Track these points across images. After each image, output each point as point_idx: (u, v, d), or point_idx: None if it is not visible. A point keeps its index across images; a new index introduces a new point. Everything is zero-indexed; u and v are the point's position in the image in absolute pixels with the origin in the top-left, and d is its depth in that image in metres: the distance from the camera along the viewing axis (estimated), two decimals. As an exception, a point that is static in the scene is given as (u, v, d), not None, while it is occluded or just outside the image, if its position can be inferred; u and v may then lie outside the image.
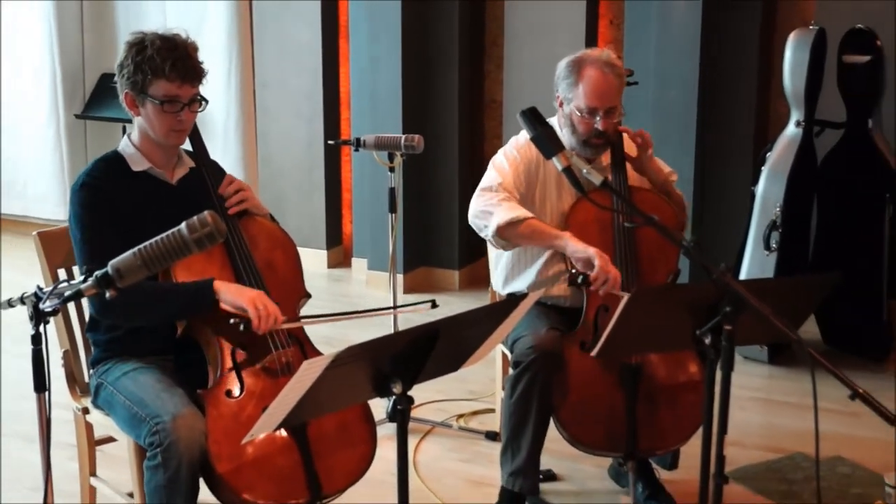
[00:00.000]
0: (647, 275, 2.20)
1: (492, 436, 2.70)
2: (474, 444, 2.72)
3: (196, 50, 1.89)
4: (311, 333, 2.00)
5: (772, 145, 3.28)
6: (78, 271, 1.90)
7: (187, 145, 1.99)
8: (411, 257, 4.07)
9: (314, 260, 4.23)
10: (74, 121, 4.68)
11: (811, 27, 3.20)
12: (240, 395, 1.83)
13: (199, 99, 1.89)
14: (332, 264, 4.39)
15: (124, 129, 4.22)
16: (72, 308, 2.00)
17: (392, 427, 1.50)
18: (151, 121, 1.88)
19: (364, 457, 1.90)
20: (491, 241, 2.20)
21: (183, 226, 1.41)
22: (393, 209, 2.85)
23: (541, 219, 2.23)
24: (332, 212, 4.37)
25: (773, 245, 3.17)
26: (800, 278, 2.54)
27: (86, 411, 2.02)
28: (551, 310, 2.26)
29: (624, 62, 2.81)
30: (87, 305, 1.93)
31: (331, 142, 3.73)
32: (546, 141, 1.93)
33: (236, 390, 1.84)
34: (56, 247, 2.03)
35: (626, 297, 1.64)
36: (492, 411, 2.82)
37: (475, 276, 4.12)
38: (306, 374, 1.37)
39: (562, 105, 2.23)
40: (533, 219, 2.14)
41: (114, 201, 1.89)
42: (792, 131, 3.24)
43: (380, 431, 1.96)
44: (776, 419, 2.90)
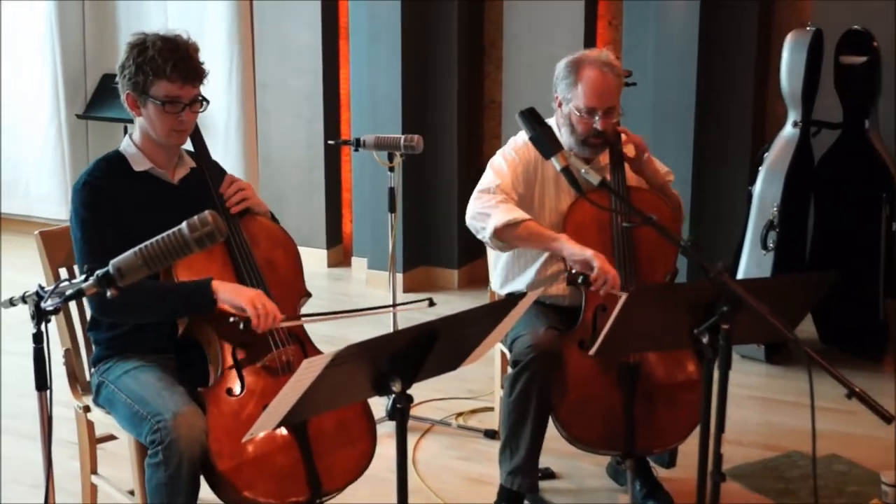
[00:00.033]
0: (645, 274, 2.21)
1: (491, 434, 2.71)
2: (473, 442, 2.73)
3: (197, 51, 1.89)
4: (311, 332, 2.01)
5: (769, 145, 3.30)
6: (78, 271, 1.91)
7: (188, 145, 1.99)
8: (411, 257, 4.08)
9: (314, 259, 4.24)
10: (76, 121, 4.69)
11: (808, 28, 3.21)
12: (240, 394, 1.84)
13: (201, 99, 1.90)
14: (333, 263, 4.40)
15: (125, 129, 4.22)
16: (73, 307, 2.00)
17: (391, 425, 1.50)
18: (153, 121, 1.89)
19: (364, 455, 1.91)
20: (488, 243, 2.21)
21: (184, 225, 1.42)
22: (392, 209, 2.86)
23: (540, 219, 2.24)
24: (332, 211, 4.38)
25: (771, 245, 3.18)
26: (797, 277, 2.54)
27: (87, 409, 2.02)
28: (550, 309, 2.27)
29: (622, 63, 2.82)
30: (87, 304, 1.94)
31: (331, 142, 3.74)
32: (545, 141, 1.94)
33: (237, 389, 1.85)
34: (57, 246, 2.04)
35: (625, 297, 1.64)
36: (491, 410, 2.83)
37: (474, 275, 4.14)
38: (306, 372, 1.37)
39: (560, 105, 2.23)
40: (530, 221, 2.15)
41: (115, 201, 1.89)
42: (789, 132, 3.25)
43: (379, 429, 1.97)
44: (773, 417, 2.91)
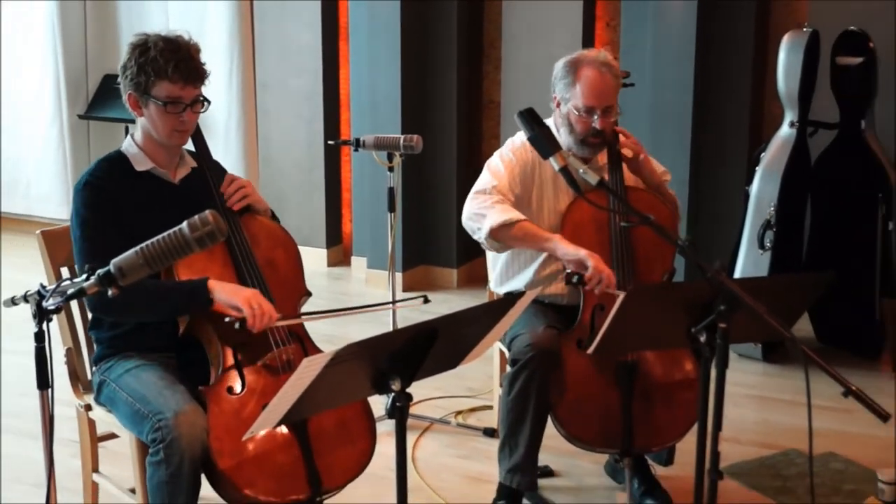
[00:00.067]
0: (643, 274, 2.22)
1: (490, 432, 2.72)
2: (472, 440, 2.74)
3: (199, 51, 1.90)
4: (311, 331, 2.01)
5: (766, 145, 3.31)
6: (78, 269, 1.91)
7: (190, 145, 2.00)
8: (410, 256, 4.09)
9: (314, 259, 4.24)
10: (77, 121, 4.69)
11: (805, 29, 3.22)
12: (241, 392, 1.85)
13: (202, 100, 1.91)
14: (332, 263, 4.41)
15: (127, 129, 4.23)
16: (74, 306, 2.01)
17: (391, 424, 1.51)
18: (154, 121, 1.90)
19: (364, 453, 1.92)
20: (484, 244, 2.21)
21: (184, 224, 1.42)
22: (392, 208, 2.87)
23: (538, 220, 2.25)
24: (332, 211, 4.39)
25: (768, 244, 3.19)
26: (794, 277, 2.56)
27: (88, 408, 2.03)
28: (548, 308, 2.28)
29: (620, 64, 2.83)
30: (85, 302, 1.95)
31: (331, 142, 3.74)
32: (543, 141, 1.95)
33: (238, 387, 1.86)
34: (59, 245, 2.04)
35: (622, 296, 1.65)
36: (490, 408, 2.84)
37: (473, 274, 4.15)
38: (306, 371, 1.38)
39: (559, 105, 2.24)
40: (525, 221, 2.16)
41: (117, 201, 1.90)
42: (786, 132, 3.26)
43: (379, 428, 1.98)
44: (770, 416, 2.92)
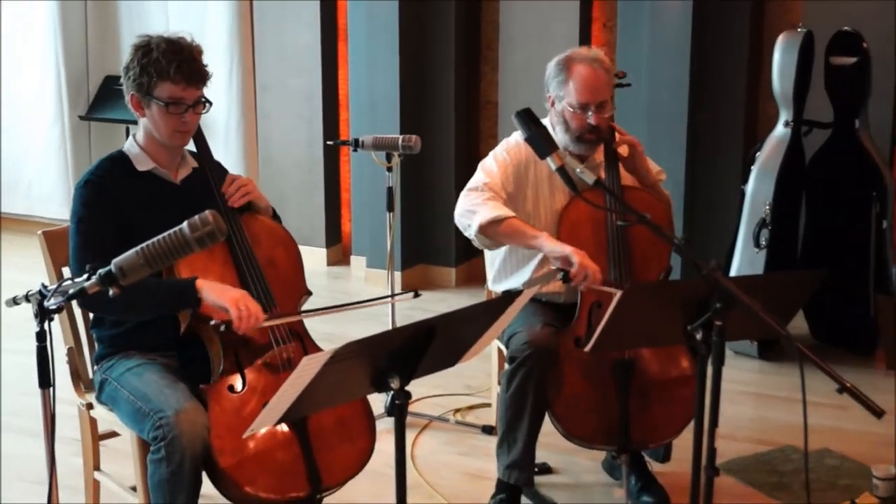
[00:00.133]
0: (640, 272, 2.23)
1: (488, 430, 2.73)
2: (471, 437, 2.75)
3: (201, 53, 1.91)
4: (310, 330, 2.02)
5: (761, 145, 3.32)
6: (70, 267, 1.90)
7: (191, 146, 2.01)
8: (409, 255, 4.10)
9: (314, 258, 4.25)
10: (78, 122, 4.70)
11: (799, 29, 3.24)
12: (242, 391, 1.86)
13: (204, 101, 1.92)
14: (332, 262, 4.42)
15: (128, 130, 4.24)
16: (76, 305, 2.03)
17: (390, 421, 1.53)
18: (156, 122, 1.91)
19: (363, 451, 1.93)
20: (474, 240, 2.22)
21: (185, 224, 1.43)
22: (391, 208, 2.88)
23: (535, 219, 2.27)
24: (332, 211, 4.40)
25: (763, 242, 3.21)
26: (789, 275, 2.57)
27: (90, 407, 2.04)
28: (546, 306, 2.29)
29: (616, 64, 2.86)
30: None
31: (330, 142, 3.76)
32: (540, 141, 1.96)
33: (238, 385, 1.87)
34: (60, 245, 2.05)
35: (620, 294, 1.66)
36: (488, 406, 2.85)
37: (471, 273, 4.17)
38: (306, 369, 1.38)
39: (553, 104, 2.25)
40: (514, 218, 2.16)
41: (118, 200, 1.91)
42: (781, 131, 3.28)
43: (378, 426, 1.99)
44: (766, 412, 2.93)
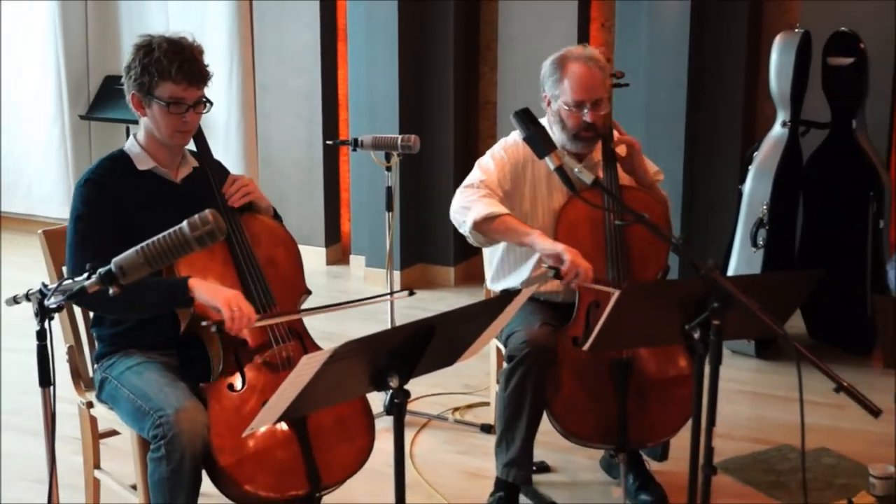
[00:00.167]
0: (637, 272, 2.24)
1: (487, 428, 2.74)
2: (470, 436, 2.76)
3: (202, 53, 1.92)
4: (310, 329, 2.03)
5: (758, 145, 3.33)
6: (66, 264, 1.91)
7: (191, 145, 2.02)
8: (408, 254, 4.11)
9: (313, 257, 4.26)
10: (79, 122, 4.71)
11: (797, 30, 3.25)
12: (241, 389, 1.87)
13: (204, 101, 1.93)
14: (331, 261, 4.43)
15: (128, 130, 4.25)
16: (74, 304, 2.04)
17: (389, 420, 1.55)
18: (157, 121, 1.92)
19: (362, 449, 1.94)
20: (468, 237, 2.22)
21: (184, 224, 1.43)
22: (390, 208, 2.89)
23: (532, 218, 2.27)
24: (331, 210, 4.41)
25: (760, 242, 3.22)
26: (786, 274, 2.57)
27: (90, 405, 2.04)
28: (544, 305, 2.30)
29: (615, 64, 2.87)
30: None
31: (329, 142, 3.76)
32: (539, 140, 1.97)
33: (238, 384, 1.87)
34: (61, 245, 2.04)
35: (617, 294, 1.67)
36: (487, 404, 2.86)
37: (470, 272, 4.18)
38: (305, 368, 1.39)
39: (549, 104, 2.25)
40: (508, 216, 2.17)
41: (118, 199, 1.92)
42: (778, 131, 3.29)
43: (377, 424, 1.99)
44: (763, 412, 2.94)
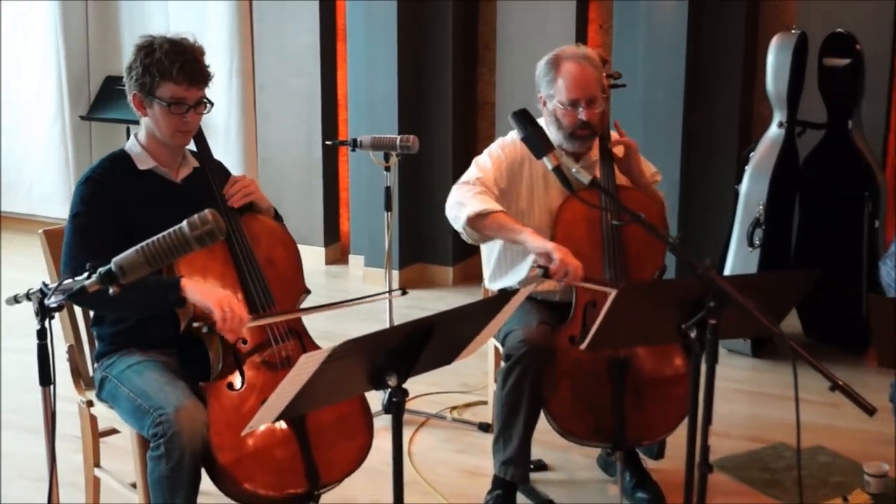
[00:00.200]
0: (634, 271, 2.25)
1: (484, 427, 2.75)
2: (468, 434, 2.77)
3: (203, 54, 1.93)
4: (309, 328, 2.04)
5: (755, 145, 3.34)
6: (61, 260, 1.91)
7: (191, 145, 2.03)
8: (407, 254, 4.12)
9: (312, 257, 4.27)
10: (79, 122, 4.71)
11: (793, 31, 3.27)
12: (241, 388, 1.87)
13: (205, 101, 1.94)
14: (330, 261, 4.44)
15: (128, 130, 4.25)
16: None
17: (387, 419, 1.53)
18: (158, 121, 1.93)
19: (361, 448, 1.95)
20: (462, 233, 2.23)
21: (184, 223, 1.44)
22: (389, 207, 2.90)
23: (529, 216, 2.28)
24: (330, 210, 4.42)
25: (757, 242, 3.23)
26: (782, 274, 2.59)
27: (90, 404, 2.05)
28: (542, 304, 2.30)
29: (612, 65, 2.88)
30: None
31: (328, 142, 3.78)
32: (536, 141, 1.98)
33: (237, 383, 1.88)
34: (61, 245, 2.05)
35: (614, 293, 1.67)
36: (484, 403, 2.87)
37: (468, 272, 4.19)
38: (304, 367, 1.39)
39: (545, 103, 2.26)
40: (501, 213, 2.17)
41: (119, 199, 1.92)
42: (774, 132, 3.30)
43: (376, 423, 2.00)
44: (759, 410, 2.95)
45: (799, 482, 2.04)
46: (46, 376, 1.49)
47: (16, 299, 1.52)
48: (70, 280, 1.46)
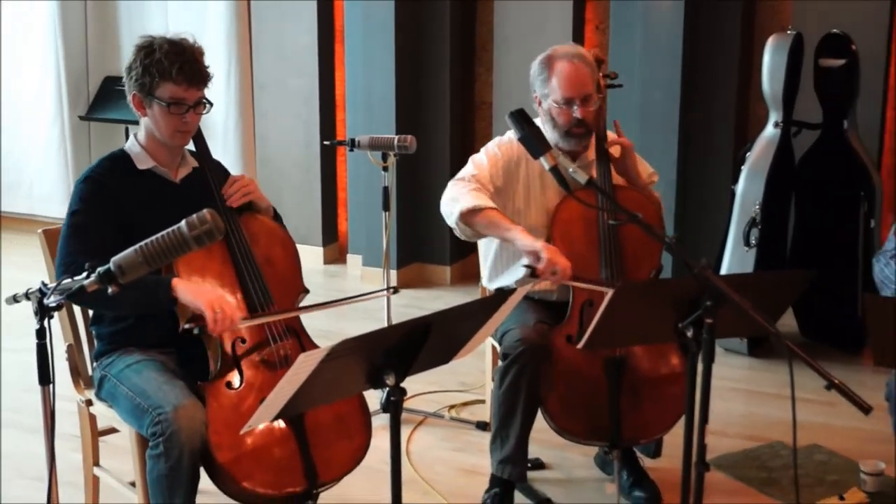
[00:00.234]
0: (631, 271, 2.26)
1: (482, 426, 2.76)
2: (465, 433, 2.78)
3: (202, 54, 1.93)
4: (308, 327, 2.04)
5: (751, 145, 3.35)
6: (56, 256, 1.90)
7: (190, 145, 2.03)
8: (404, 254, 4.13)
9: (311, 256, 4.27)
10: (78, 122, 4.71)
11: (789, 32, 3.28)
12: (239, 387, 1.88)
13: (204, 101, 1.94)
14: (329, 261, 4.45)
15: (127, 130, 4.26)
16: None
17: (385, 418, 1.53)
18: (157, 122, 1.93)
19: (359, 447, 1.95)
20: (455, 229, 2.24)
21: (183, 223, 1.44)
22: (386, 207, 2.91)
23: (526, 217, 2.29)
24: (328, 210, 4.43)
25: (753, 241, 3.24)
26: (778, 274, 2.60)
27: (89, 403, 2.05)
28: (539, 304, 2.31)
29: (609, 65, 2.88)
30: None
31: (326, 142, 3.78)
32: (534, 141, 1.98)
33: (236, 382, 1.89)
34: (60, 244, 2.08)
35: (611, 293, 1.68)
36: (482, 402, 2.88)
37: (466, 271, 4.19)
38: (302, 366, 1.40)
39: (540, 103, 2.27)
40: (492, 210, 2.18)
41: (118, 199, 1.93)
42: (770, 132, 3.31)
43: (374, 422, 2.00)
44: (755, 409, 2.96)
45: (795, 481, 2.04)
46: (46, 375, 1.49)
47: (15, 299, 1.53)
48: (69, 280, 1.46)
